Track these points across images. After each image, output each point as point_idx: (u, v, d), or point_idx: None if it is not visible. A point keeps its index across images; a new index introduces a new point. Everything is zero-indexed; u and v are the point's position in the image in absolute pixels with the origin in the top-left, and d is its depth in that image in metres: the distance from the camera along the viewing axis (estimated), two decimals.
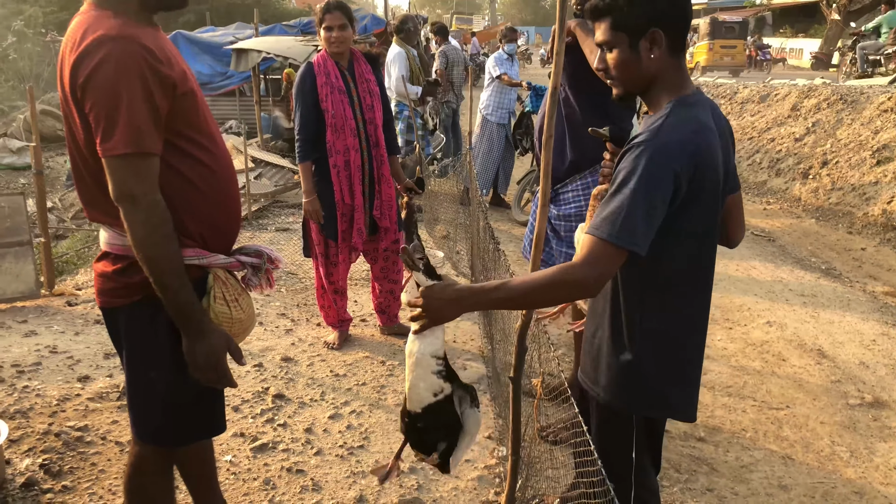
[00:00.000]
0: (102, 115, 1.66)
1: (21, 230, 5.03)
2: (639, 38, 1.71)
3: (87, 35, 1.68)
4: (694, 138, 1.67)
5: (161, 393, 1.92)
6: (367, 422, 3.34)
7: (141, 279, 1.80)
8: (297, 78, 3.87)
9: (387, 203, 4.05)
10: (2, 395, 3.47)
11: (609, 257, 1.61)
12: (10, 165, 14.65)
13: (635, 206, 1.60)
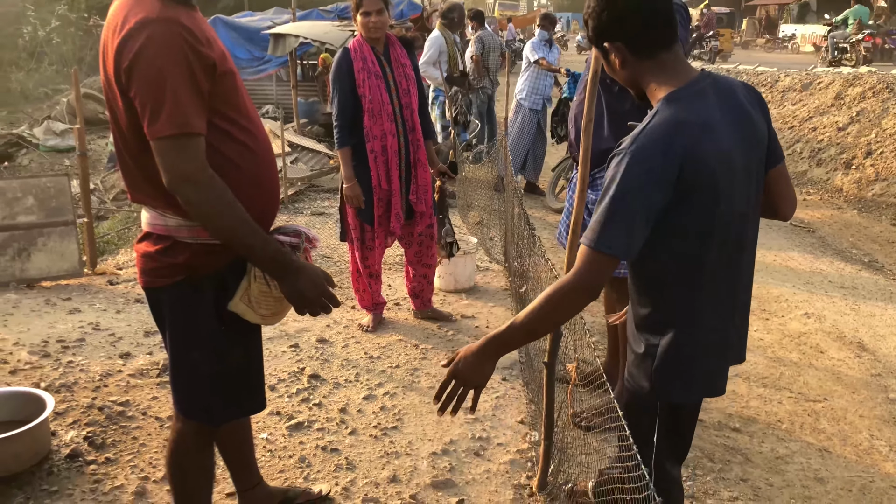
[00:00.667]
0: (149, 98, 1.67)
1: (65, 210, 5.15)
2: (603, 52, 1.79)
3: (128, 18, 1.70)
4: (673, 139, 1.63)
5: (204, 371, 1.97)
6: (400, 403, 3.38)
7: (184, 259, 1.85)
8: (334, 63, 3.86)
9: (423, 188, 4.05)
10: (48, 369, 3.58)
11: (594, 263, 1.65)
12: (53, 147, 14.97)
13: (613, 214, 1.62)
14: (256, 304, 1.93)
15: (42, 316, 4.34)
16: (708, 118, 1.68)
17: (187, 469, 2.15)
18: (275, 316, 1.99)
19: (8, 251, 4.94)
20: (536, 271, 3.50)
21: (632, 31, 1.72)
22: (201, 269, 1.88)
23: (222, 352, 1.95)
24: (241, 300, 1.91)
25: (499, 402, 3.42)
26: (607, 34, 1.74)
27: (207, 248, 1.86)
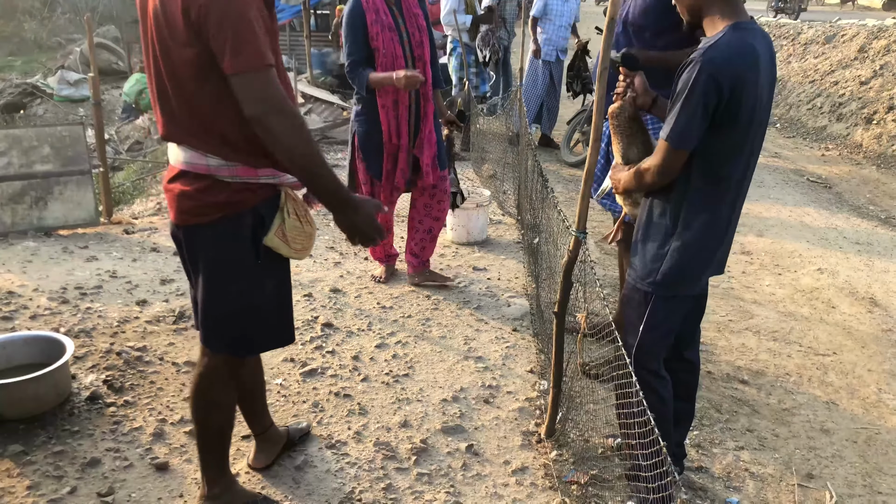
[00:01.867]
0: (230, 35, 1.74)
1: (81, 159, 5.18)
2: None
3: None
4: (741, 59, 1.98)
5: (240, 304, 2.06)
6: (411, 352, 3.43)
7: (225, 198, 1.93)
8: (346, 15, 3.69)
9: (429, 140, 3.93)
10: (67, 315, 3.65)
11: (669, 154, 2.07)
12: (68, 97, 14.95)
13: (685, 114, 1.99)
14: (291, 238, 2.03)
15: (60, 263, 4.40)
16: (761, 52, 2.03)
17: (213, 404, 2.22)
18: (305, 250, 2.10)
19: (25, 199, 4.99)
20: (549, 224, 3.50)
21: None
22: (239, 205, 1.95)
23: (258, 285, 2.05)
24: (275, 235, 2.01)
25: (509, 351, 3.46)
26: None
27: (246, 185, 1.94)
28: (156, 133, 11.44)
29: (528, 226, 4.61)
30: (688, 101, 1.98)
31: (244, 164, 1.93)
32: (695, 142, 2.03)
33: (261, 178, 1.96)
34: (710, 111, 1.99)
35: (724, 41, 1.97)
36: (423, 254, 4.21)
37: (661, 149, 2.09)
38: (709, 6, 2.07)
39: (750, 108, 2.03)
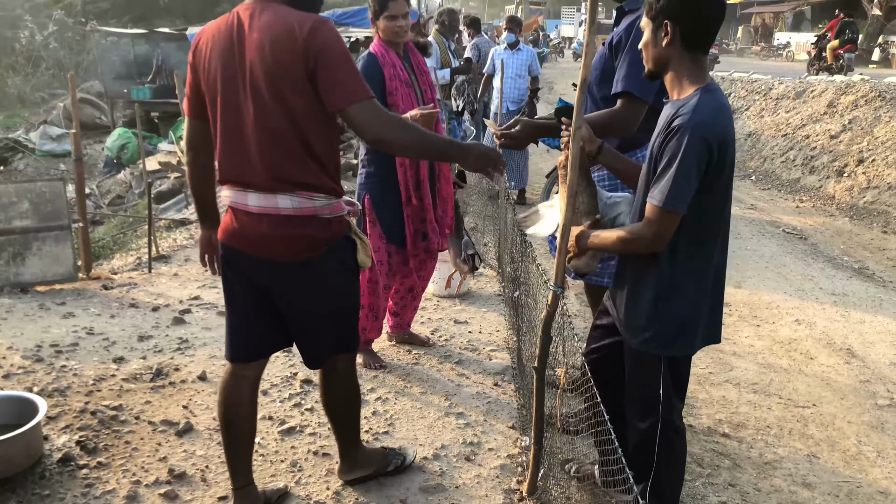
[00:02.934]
0: (343, 73, 2.10)
1: (61, 215, 5.17)
2: (657, 27, 2.12)
3: (302, 21, 2.08)
4: (722, 119, 2.06)
5: (350, 310, 2.49)
6: (392, 408, 3.40)
7: (330, 231, 2.27)
8: (361, 68, 3.47)
9: (446, 201, 3.79)
10: (41, 373, 3.59)
11: (665, 218, 2.05)
12: (49, 152, 14.97)
13: (681, 179, 2.01)
14: (366, 254, 2.44)
15: (36, 320, 4.35)
16: (728, 108, 2.13)
17: (357, 391, 2.69)
18: (369, 259, 2.49)
19: (2, 255, 4.96)
20: (528, 277, 3.52)
21: (696, 25, 2.08)
22: (339, 234, 2.32)
23: (356, 292, 2.51)
24: (362, 252, 2.42)
25: (490, 407, 3.44)
26: (674, 16, 2.07)
27: (338, 218, 2.30)
28: (137, 187, 11.45)
29: (509, 278, 4.64)
30: (682, 165, 2.00)
31: (337, 197, 2.28)
32: (688, 204, 2.04)
33: (345, 210, 2.34)
34: (702, 172, 2.02)
35: (704, 104, 2.03)
36: (403, 314, 4.07)
37: (656, 215, 2.05)
38: (678, 64, 2.12)
39: (731, 162, 2.11)
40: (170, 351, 3.97)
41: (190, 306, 4.69)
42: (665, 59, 2.14)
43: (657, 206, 2.04)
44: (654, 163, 2.12)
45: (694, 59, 2.11)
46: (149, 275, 5.59)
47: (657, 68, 2.19)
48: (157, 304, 4.74)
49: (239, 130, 2.17)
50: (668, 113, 2.13)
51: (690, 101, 2.05)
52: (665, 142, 2.06)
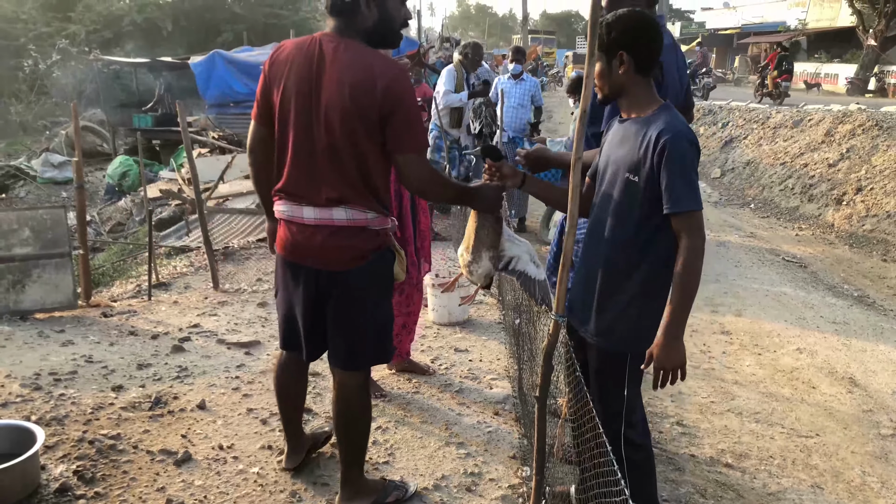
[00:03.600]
0: (410, 124, 2.34)
1: (62, 242, 5.17)
2: (612, 58, 2.29)
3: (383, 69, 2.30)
4: (688, 126, 2.26)
5: (385, 320, 2.62)
6: (392, 438, 3.37)
7: (378, 241, 2.49)
8: None
9: (424, 233, 3.90)
10: (39, 402, 3.57)
11: (699, 220, 2.18)
12: (51, 179, 15.03)
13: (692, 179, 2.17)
14: (401, 267, 2.64)
15: (35, 348, 4.33)
16: None
17: (368, 410, 2.71)
18: (403, 273, 2.68)
19: (2, 283, 4.95)
20: (529, 306, 3.52)
21: (646, 53, 2.29)
22: (383, 246, 2.53)
23: (390, 303, 2.65)
24: (398, 265, 2.62)
25: (491, 436, 3.42)
26: (627, 47, 2.26)
27: (385, 231, 2.52)
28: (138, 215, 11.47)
29: (510, 306, 4.63)
30: (689, 168, 2.18)
31: (384, 214, 2.49)
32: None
33: (390, 225, 2.54)
34: (696, 171, 2.22)
35: (674, 117, 2.25)
36: (400, 347, 4.05)
37: (694, 219, 2.17)
38: (635, 85, 2.32)
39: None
40: (169, 379, 3.95)
41: (189, 334, 4.67)
42: (621, 85, 2.33)
43: (694, 209, 2.16)
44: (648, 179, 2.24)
45: (647, 83, 2.33)
46: (148, 302, 5.58)
47: (613, 94, 2.38)
48: (157, 331, 4.73)
49: (308, 153, 2.38)
50: (636, 131, 2.30)
51: (660, 116, 2.25)
52: (661, 156, 2.19)
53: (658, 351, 2.19)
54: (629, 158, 2.30)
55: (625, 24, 2.28)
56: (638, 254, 2.31)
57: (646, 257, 2.30)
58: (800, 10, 32.00)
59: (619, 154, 2.35)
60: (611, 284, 2.37)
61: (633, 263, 2.31)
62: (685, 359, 2.19)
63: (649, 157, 2.21)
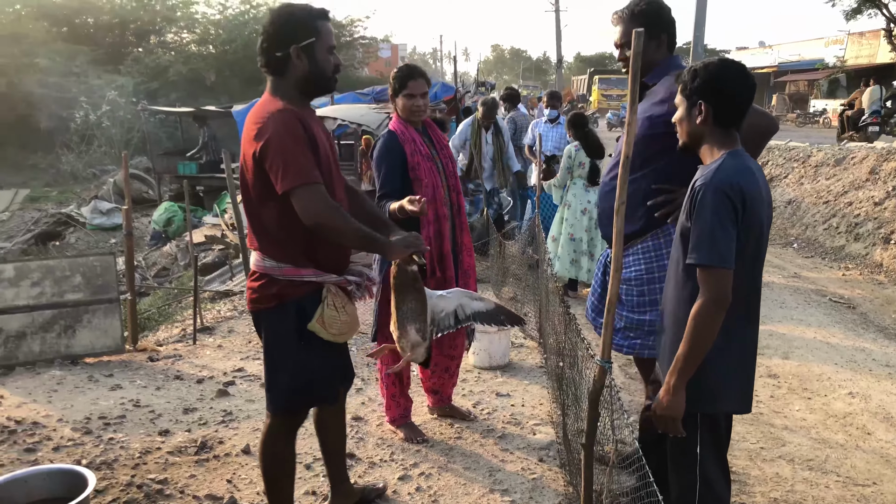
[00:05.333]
0: (283, 157, 2.36)
1: (110, 288, 5.31)
2: (692, 105, 2.27)
3: (260, 110, 2.47)
4: (743, 177, 2.16)
5: (288, 374, 2.60)
6: (435, 484, 3.35)
7: (276, 290, 2.52)
8: (381, 145, 3.60)
9: (468, 273, 3.83)
10: (90, 446, 3.64)
11: (711, 278, 2.11)
12: (99, 226, 15.48)
13: (713, 233, 2.10)
14: (328, 325, 2.55)
15: (85, 392, 4.43)
16: (756, 170, 2.25)
17: (274, 458, 2.71)
18: (342, 335, 2.62)
19: (55, 328, 5.09)
20: (573, 350, 3.49)
21: (727, 104, 2.23)
22: (286, 297, 2.53)
23: (302, 359, 2.58)
24: (316, 321, 2.53)
25: (536, 483, 3.37)
26: (707, 97, 2.22)
27: (292, 283, 2.52)
28: (182, 259, 11.74)
29: (552, 350, 4.60)
30: (711, 220, 2.11)
31: (291, 265, 2.51)
32: (732, 257, 2.11)
33: (304, 277, 2.52)
34: (732, 224, 2.11)
35: (727, 165, 2.18)
36: (443, 390, 4.03)
37: (703, 275, 2.12)
38: (710, 136, 2.27)
39: (759, 225, 2.20)
40: (214, 423, 3.99)
41: (234, 378, 4.73)
42: (699, 135, 2.29)
43: (700, 263, 2.11)
44: (685, 230, 2.24)
45: (726, 133, 2.26)
46: (193, 346, 5.67)
47: (692, 143, 2.34)
48: (202, 375, 4.80)
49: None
50: (693, 179, 2.27)
51: (714, 164, 2.21)
52: (690, 206, 2.19)
53: (660, 394, 2.23)
54: (685, 206, 2.31)
55: (710, 72, 2.22)
56: (686, 305, 2.24)
57: (687, 313, 2.22)
58: (837, 47, 31.79)
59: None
60: (668, 335, 2.36)
61: (684, 315, 2.24)
62: (680, 413, 2.18)
63: (688, 204, 2.22)
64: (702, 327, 2.13)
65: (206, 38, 33.89)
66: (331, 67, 2.57)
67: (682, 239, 2.29)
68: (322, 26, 2.53)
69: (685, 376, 2.18)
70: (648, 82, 3.08)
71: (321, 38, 2.52)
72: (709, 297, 2.11)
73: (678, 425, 2.21)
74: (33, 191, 21.14)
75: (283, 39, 2.48)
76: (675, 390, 2.18)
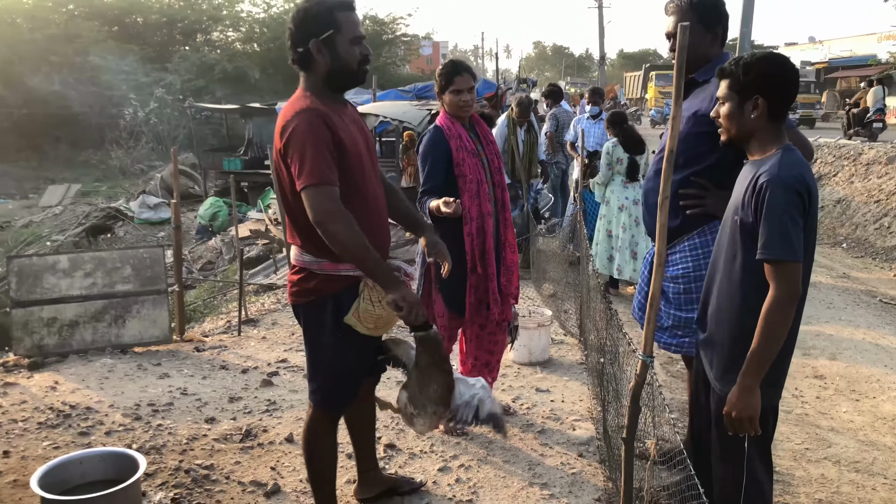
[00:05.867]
0: (300, 157, 2.38)
1: (159, 280, 5.46)
2: (745, 100, 2.24)
3: (288, 106, 2.49)
4: (804, 171, 2.18)
5: (327, 368, 2.65)
6: (475, 476, 3.38)
7: (314, 285, 2.55)
8: (427, 141, 3.62)
9: (511, 269, 3.82)
10: (139, 431, 3.75)
11: (782, 272, 2.11)
12: (147, 220, 15.84)
13: (783, 227, 2.09)
14: (364, 319, 2.56)
15: (135, 380, 4.56)
16: (809, 167, 2.25)
17: (316, 448, 2.76)
18: (377, 329, 2.63)
19: (105, 318, 5.25)
20: (614, 346, 3.48)
21: (782, 98, 2.24)
22: (325, 291, 2.55)
23: (339, 353, 2.60)
24: (352, 315, 2.55)
25: (575, 478, 3.38)
26: (764, 91, 2.21)
27: (330, 277, 2.54)
28: (227, 254, 11.97)
29: (593, 347, 4.59)
30: (781, 215, 2.10)
31: (329, 259, 2.51)
32: (801, 250, 2.11)
33: (341, 272, 2.53)
34: (801, 217, 2.12)
35: (787, 159, 2.17)
36: None
37: (773, 270, 2.11)
38: (763, 131, 2.26)
39: (814, 217, 2.22)
40: (258, 412, 4.08)
41: (278, 369, 4.82)
42: (752, 130, 2.27)
43: (774, 258, 2.10)
44: (746, 225, 2.22)
45: (777, 128, 2.26)
46: (238, 337, 5.79)
47: (740, 138, 2.32)
48: (247, 366, 4.90)
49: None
50: (749, 173, 2.26)
51: (772, 159, 2.19)
52: (757, 201, 2.16)
53: (731, 396, 2.17)
54: (736, 199, 2.31)
55: (765, 66, 2.22)
56: (745, 299, 2.26)
57: (752, 304, 2.21)
58: (890, 43, 30.88)
59: (734, 195, 2.36)
60: (723, 329, 2.36)
61: (741, 309, 2.27)
62: (757, 411, 2.14)
63: (751, 200, 2.19)
64: (777, 323, 2.12)
65: (250, 37, 34.43)
66: (356, 59, 2.52)
67: (740, 233, 2.26)
68: (342, 17, 2.49)
69: (761, 373, 2.16)
70: (699, 79, 3.02)
71: (342, 30, 2.48)
72: (783, 291, 2.10)
73: (757, 424, 2.17)
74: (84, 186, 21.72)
75: (302, 34, 2.48)
76: (751, 389, 2.14)
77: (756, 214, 2.15)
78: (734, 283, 2.31)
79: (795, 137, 2.74)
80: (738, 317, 2.29)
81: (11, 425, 3.82)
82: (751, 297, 2.22)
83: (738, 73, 2.24)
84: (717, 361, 2.38)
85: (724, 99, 2.31)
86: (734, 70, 2.26)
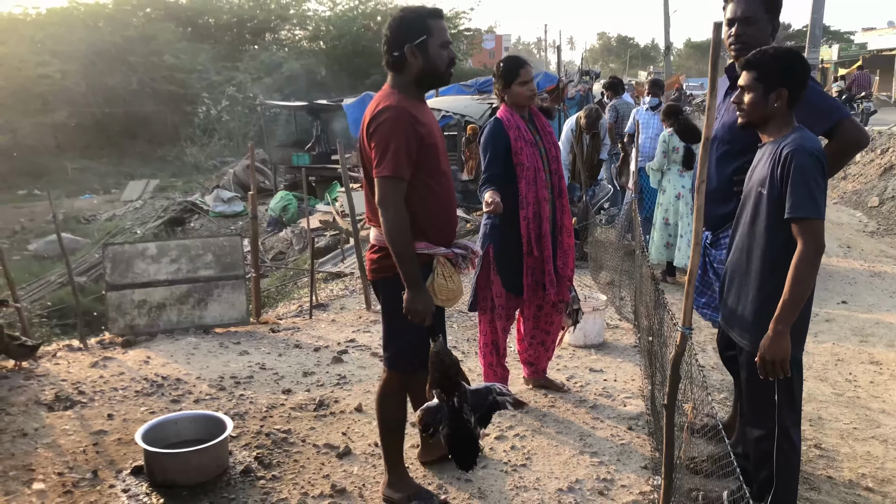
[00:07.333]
0: (381, 149, 2.67)
1: (237, 266, 5.88)
2: (771, 90, 2.49)
3: (378, 100, 2.78)
4: (820, 144, 2.46)
5: (403, 335, 2.90)
6: (529, 444, 3.62)
7: (390, 262, 2.75)
8: (488, 132, 3.87)
9: (567, 253, 4.02)
10: (224, 399, 4.14)
11: (810, 228, 2.36)
12: (221, 213, 16.57)
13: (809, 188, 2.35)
14: (437, 292, 2.84)
15: (217, 356, 4.98)
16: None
17: (389, 406, 3.08)
18: (448, 301, 2.91)
19: (189, 300, 5.70)
20: (661, 327, 3.67)
21: (799, 90, 2.51)
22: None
23: (413, 322, 2.78)
24: (427, 288, 2.80)
25: (624, 448, 3.59)
26: (788, 83, 2.47)
27: None
28: (297, 244, 12.49)
29: (645, 330, 4.76)
30: (806, 177, 2.36)
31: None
32: (824, 209, 2.40)
33: (417, 250, 2.77)
34: (824, 180, 2.40)
35: (805, 135, 2.47)
36: (538, 363, 4.27)
37: (803, 227, 2.37)
38: (780, 116, 2.54)
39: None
40: (330, 385, 4.43)
41: (347, 347, 5.17)
42: (771, 116, 2.54)
43: (803, 216, 2.35)
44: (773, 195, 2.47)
45: (790, 114, 2.54)
46: (310, 320, 6.18)
47: (759, 122, 2.58)
48: (318, 345, 5.27)
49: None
50: (769, 151, 2.53)
51: (792, 135, 2.47)
52: (783, 170, 2.41)
53: (764, 341, 2.42)
54: (761, 174, 2.55)
55: (789, 61, 2.49)
56: (769, 262, 2.51)
57: (776, 265, 2.48)
58: None
59: (755, 174, 2.61)
60: (747, 290, 2.61)
61: (765, 271, 2.53)
62: (788, 354, 2.38)
63: (777, 171, 2.44)
64: (805, 274, 2.36)
65: (317, 35, 35.31)
66: (444, 62, 2.81)
67: (768, 200, 2.51)
68: (434, 24, 2.78)
69: (790, 321, 2.40)
70: None
71: (433, 36, 2.76)
72: (811, 245, 2.35)
73: (787, 365, 2.41)
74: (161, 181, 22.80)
75: (398, 40, 2.77)
76: (781, 335, 2.39)
77: (783, 182, 2.40)
78: (761, 247, 2.56)
79: (851, 126, 2.91)
80: (769, 275, 2.53)
81: (113, 392, 4.27)
82: (778, 260, 2.48)
83: (765, 65, 2.48)
84: (742, 321, 2.63)
85: (750, 88, 2.55)
86: (761, 62, 2.50)
